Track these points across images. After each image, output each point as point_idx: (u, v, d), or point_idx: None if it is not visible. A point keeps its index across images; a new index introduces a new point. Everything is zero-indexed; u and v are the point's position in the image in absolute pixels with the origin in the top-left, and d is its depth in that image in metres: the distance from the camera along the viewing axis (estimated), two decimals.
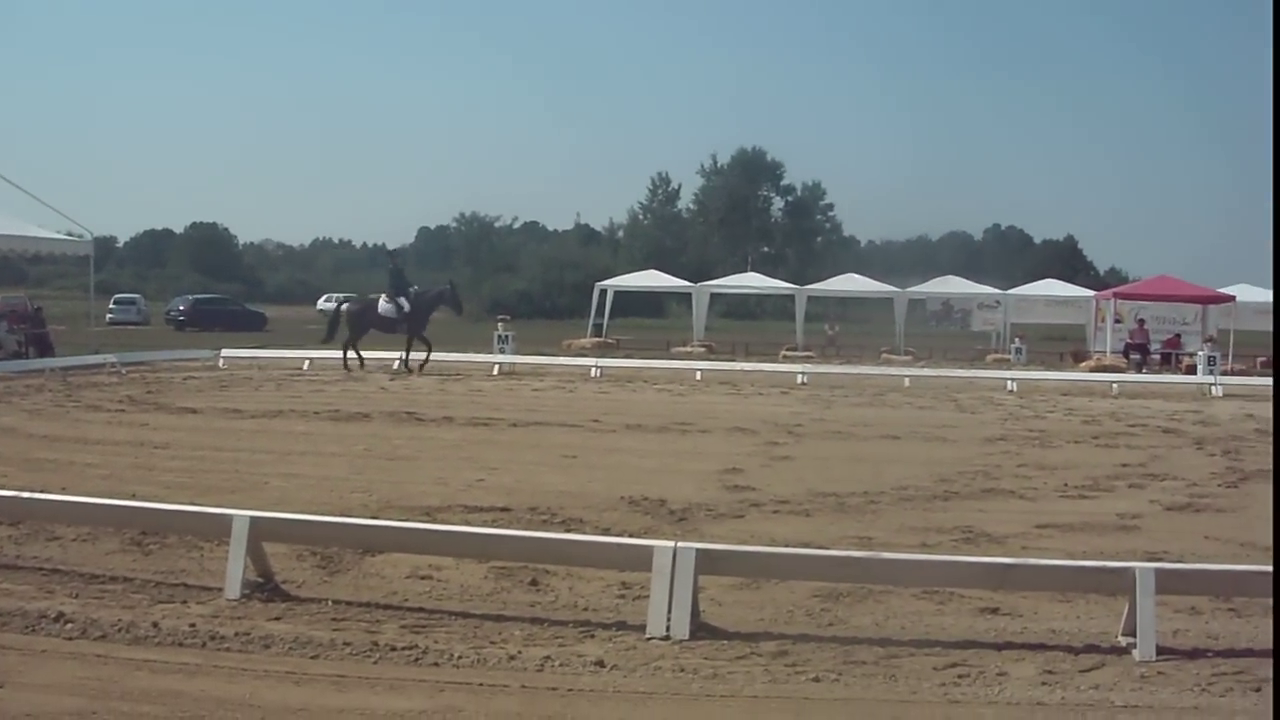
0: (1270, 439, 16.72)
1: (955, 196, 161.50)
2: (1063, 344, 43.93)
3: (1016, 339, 41.95)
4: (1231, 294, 40.70)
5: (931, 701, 5.88)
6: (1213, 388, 27.92)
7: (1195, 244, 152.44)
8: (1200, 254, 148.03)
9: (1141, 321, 39.22)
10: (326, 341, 29.92)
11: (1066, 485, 12.54)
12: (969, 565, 7.47)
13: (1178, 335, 39.87)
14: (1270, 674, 5.84)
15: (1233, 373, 33.94)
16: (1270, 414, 19.76)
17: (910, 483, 12.35)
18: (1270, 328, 43.92)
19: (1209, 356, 32.25)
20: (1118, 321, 40.25)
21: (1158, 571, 6.71)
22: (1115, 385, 27.82)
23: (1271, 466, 11.77)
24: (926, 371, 31.61)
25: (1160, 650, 6.50)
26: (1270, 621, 6.46)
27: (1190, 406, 23.38)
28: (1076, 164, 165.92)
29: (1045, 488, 12.40)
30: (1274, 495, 8.55)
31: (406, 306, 28.89)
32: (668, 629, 6.76)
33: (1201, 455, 15.47)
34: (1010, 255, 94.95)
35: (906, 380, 28.25)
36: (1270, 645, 6.13)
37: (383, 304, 29.19)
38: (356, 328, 29.16)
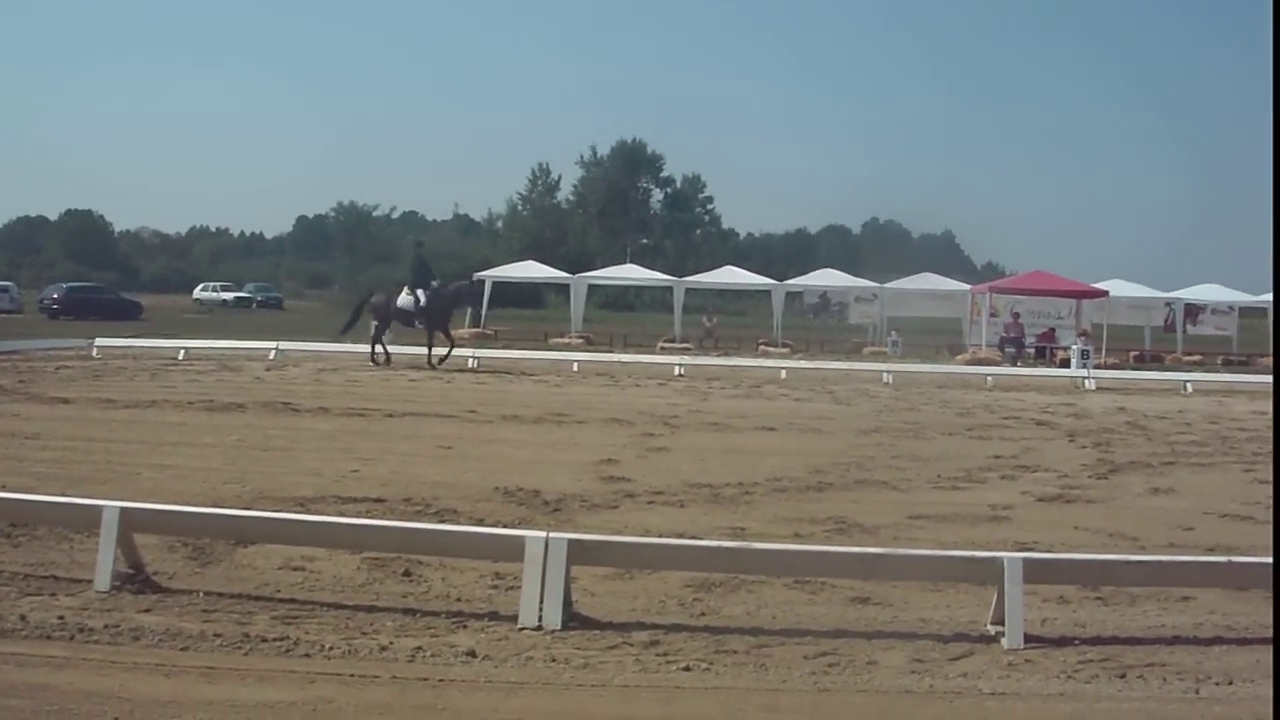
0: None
1: (834, 191, 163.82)
2: (939, 337, 44.54)
3: (893, 332, 42.50)
4: (1105, 289, 41.60)
5: (801, 690, 5.84)
6: (1086, 381, 28.44)
7: (1069, 240, 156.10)
8: (1074, 250, 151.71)
9: (1016, 315, 39.88)
10: (344, 333, 29.02)
11: (939, 477, 12.63)
12: (839, 555, 7.47)
13: (1052, 329, 40.73)
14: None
15: (1105, 366, 34.67)
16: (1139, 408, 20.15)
17: (784, 474, 12.35)
18: (1142, 323, 45.30)
19: (1082, 350, 32.93)
20: (993, 315, 40.91)
21: (1025, 561, 6.75)
22: (990, 378, 28.23)
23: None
24: (803, 364, 31.77)
25: (1028, 638, 6.53)
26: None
27: (1063, 399, 23.76)
28: (954, 159, 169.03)
29: (918, 479, 12.47)
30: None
31: (423, 300, 27.62)
32: (540, 619, 6.66)
33: (1073, 447, 15.70)
34: (888, 249, 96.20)
35: (783, 372, 28.39)
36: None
37: (402, 296, 27.95)
38: (381, 320, 28.34)
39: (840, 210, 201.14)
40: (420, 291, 27.63)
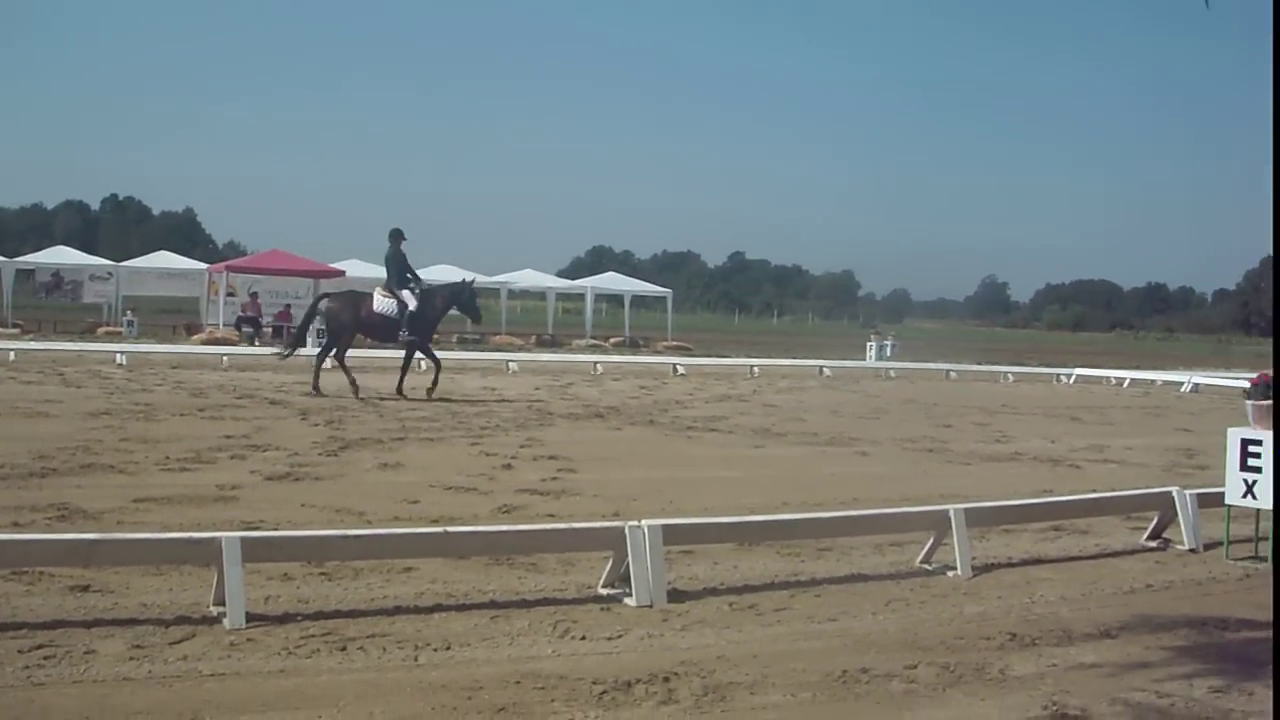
0: None
1: (72, 164, 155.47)
2: (177, 317, 43.52)
3: (129, 311, 41.02)
4: (342, 268, 42.55)
5: (15, 686, 5.41)
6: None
7: (309, 220, 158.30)
8: (313, 230, 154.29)
9: (254, 295, 39.83)
10: (288, 353, 22.07)
11: (169, 458, 12.29)
12: (53, 543, 7.01)
13: (289, 307, 40.96)
14: None
15: None
16: None
17: (6, 460, 11.48)
18: None
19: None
20: (231, 295, 40.59)
21: (244, 540, 6.68)
22: (226, 358, 28.03)
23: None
24: (34, 345, 30.02)
25: (251, 617, 6.48)
26: None
27: (299, 378, 23.93)
28: (196, 138, 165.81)
29: (147, 461, 12.07)
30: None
31: (412, 304, 20.70)
32: None
33: (305, 425, 15.89)
34: (128, 226, 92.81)
35: (12, 354, 26.64)
36: None
37: (379, 299, 20.81)
38: (340, 332, 21.28)
39: (80, 185, 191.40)
40: (406, 293, 20.78)
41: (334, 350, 21.13)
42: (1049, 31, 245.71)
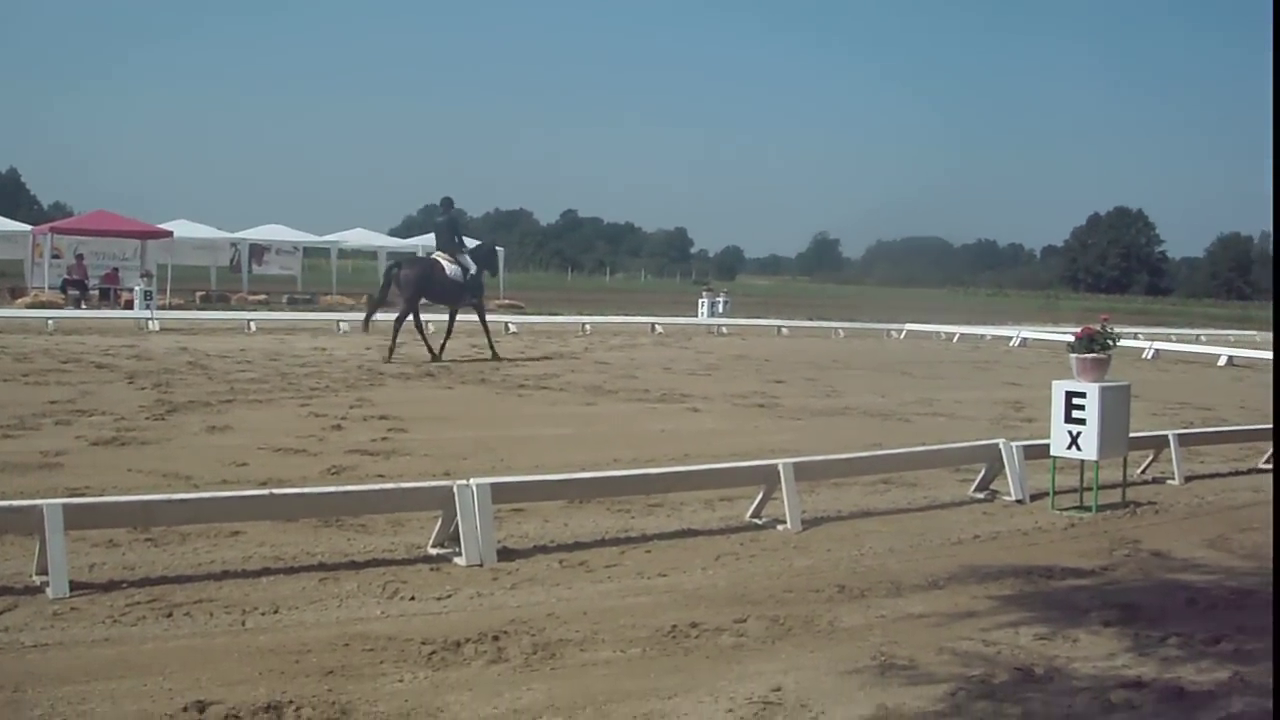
0: None
1: None
2: (0, 280, 42.05)
3: None
4: (170, 229, 41.56)
5: None
6: (150, 322, 28.39)
7: (136, 179, 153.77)
8: (140, 190, 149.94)
9: (80, 257, 38.75)
10: (370, 316, 22.52)
11: None
12: None
13: (115, 270, 39.90)
14: None
15: (170, 307, 34.86)
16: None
17: None
18: (209, 263, 45.72)
19: (145, 291, 32.67)
20: (56, 257, 39.39)
21: (65, 507, 6.58)
22: (51, 322, 27.25)
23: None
24: None
25: (76, 586, 6.40)
26: None
27: (127, 342, 23.48)
28: (18, 97, 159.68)
29: None
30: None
31: (473, 268, 22.14)
32: None
33: (132, 389, 15.57)
34: None
35: None
36: None
37: (448, 265, 21.61)
38: (415, 298, 21.53)
39: None
40: (466, 259, 22.16)
41: (410, 316, 21.54)
42: None
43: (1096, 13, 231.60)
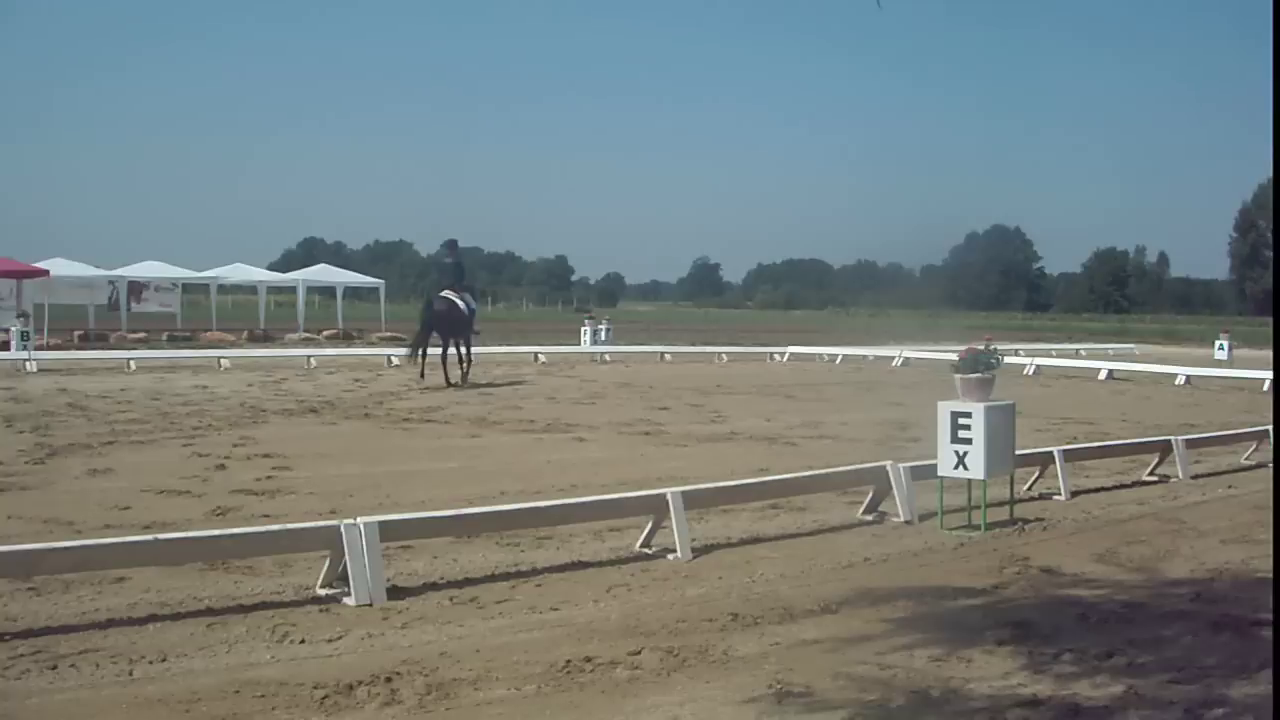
0: None
1: None
2: None
3: None
4: (46, 268, 40.78)
5: None
6: (27, 363, 27.82)
7: (8, 216, 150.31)
8: (13, 228, 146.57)
9: None
10: (417, 350, 24.92)
11: None
12: None
13: None
14: None
15: (48, 347, 34.18)
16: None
17: None
18: (86, 301, 44.83)
19: (22, 332, 31.97)
20: None
21: None
22: None
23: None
24: None
25: None
26: None
27: (4, 384, 22.95)
28: None
29: None
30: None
31: (474, 304, 25.41)
32: None
33: (11, 433, 15.26)
34: None
35: None
36: None
37: (460, 301, 24.44)
38: (449, 332, 24.72)
39: None
40: (468, 296, 25.21)
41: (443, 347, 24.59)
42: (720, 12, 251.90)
43: (969, 31, 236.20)
